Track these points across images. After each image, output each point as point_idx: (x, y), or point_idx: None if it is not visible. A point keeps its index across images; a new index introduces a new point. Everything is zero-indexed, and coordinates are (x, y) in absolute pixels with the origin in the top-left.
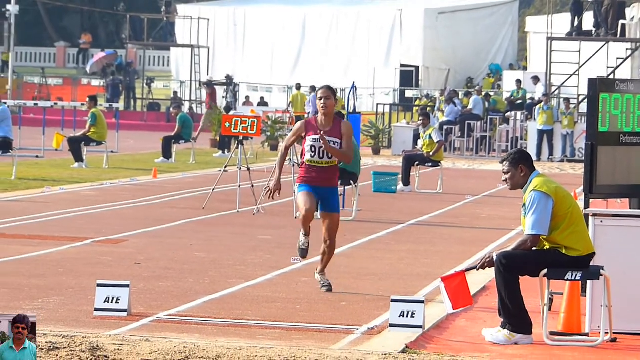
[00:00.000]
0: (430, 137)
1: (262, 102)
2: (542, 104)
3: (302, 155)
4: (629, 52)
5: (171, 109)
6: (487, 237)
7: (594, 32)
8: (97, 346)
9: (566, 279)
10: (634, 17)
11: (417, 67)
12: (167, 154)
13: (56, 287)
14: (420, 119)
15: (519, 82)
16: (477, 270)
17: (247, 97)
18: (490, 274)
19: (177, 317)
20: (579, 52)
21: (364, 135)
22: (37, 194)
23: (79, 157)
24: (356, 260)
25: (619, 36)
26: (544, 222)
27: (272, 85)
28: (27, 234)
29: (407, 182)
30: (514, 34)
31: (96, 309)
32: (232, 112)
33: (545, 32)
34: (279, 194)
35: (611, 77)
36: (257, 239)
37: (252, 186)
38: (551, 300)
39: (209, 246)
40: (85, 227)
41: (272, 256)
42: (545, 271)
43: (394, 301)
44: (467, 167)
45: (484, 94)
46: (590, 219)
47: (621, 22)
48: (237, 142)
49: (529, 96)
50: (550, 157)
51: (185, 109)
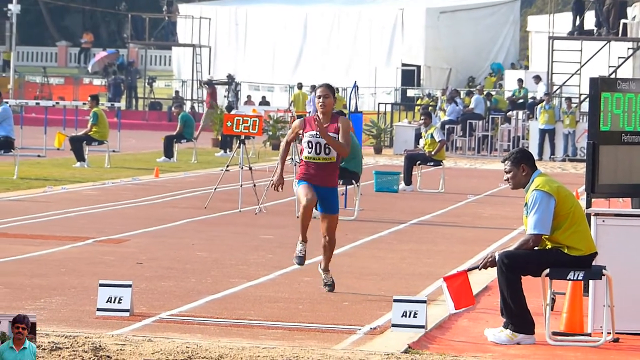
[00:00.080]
0: (432, 136)
1: (264, 102)
2: (544, 103)
3: (301, 152)
4: (631, 51)
5: (173, 109)
6: (489, 237)
7: (595, 31)
8: (100, 346)
9: (568, 278)
10: (635, 17)
11: (418, 67)
12: (168, 153)
13: (58, 287)
14: (421, 118)
15: (520, 81)
16: (479, 270)
17: (249, 97)
18: (492, 273)
19: (179, 317)
20: (581, 51)
21: (366, 134)
22: (38, 194)
23: (80, 157)
24: (358, 259)
25: (620, 35)
26: (546, 221)
27: (273, 84)
28: (29, 233)
29: (408, 181)
30: (516, 33)
31: (98, 309)
32: (233, 112)
33: (546, 32)
34: (282, 189)
35: (613, 76)
36: (259, 238)
37: (254, 185)
38: (553, 300)
39: (211, 246)
40: (87, 227)
41: (274, 256)
42: (547, 271)
43: (396, 301)
44: (468, 167)
45: (485, 93)
46: (592, 218)
47: (623, 21)
48: (238, 142)
49: (530, 95)
50: (551, 156)
51: (186, 108)
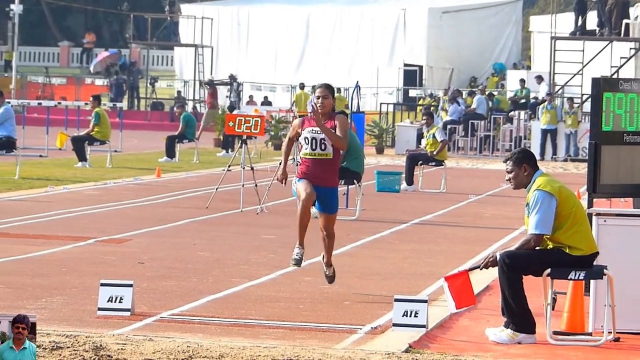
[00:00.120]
0: (433, 136)
1: (266, 102)
2: (546, 103)
3: (300, 150)
4: (633, 51)
5: (175, 109)
6: (491, 237)
7: (597, 31)
8: (101, 346)
9: (569, 278)
10: (637, 17)
11: (420, 67)
12: (170, 153)
13: (59, 287)
14: (423, 118)
15: (522, 81)
16: (481, 269)
17: (251, 97)
18: (493, 273)
19: (180, 316)
20: (583, 51)
21: (368, 134)
22: (40, 194)
23: (82, 157)
24: (360, 259)
25: (622, 35)
26: (547, 221)
27: (275, 84)
28: (31, 233)
29: (410, 181)
30: (518, 33)
31: (99, 309)
32: (235, 112)
33: (549, 32)
34: (286, 183)
35: (615, 76)
36: (261, 238)
37: (256, 185)
38: (554, 299)
39: (212, 245)
40: (88, 227)
41: (275, 255)
42: (548, 270)
43: (397, 300)
44: (470, 167)
45: (487, 93)
46: (593, 218)
47: (625, 21)
48: (240, 142)
49: (532, 95)
50: (553, 156)
51: (188, 108)
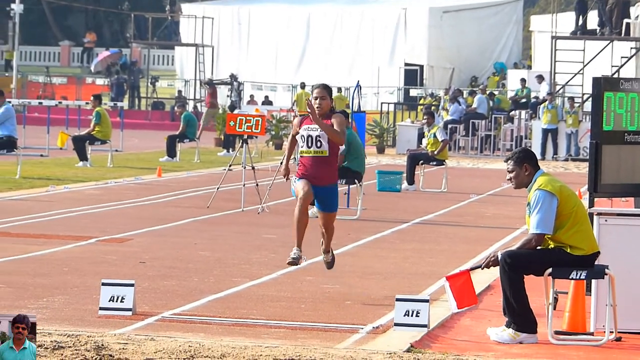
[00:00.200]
0: (434, 136)
1: (267, 101)
2: (547, 102)
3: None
4: (634, 50)
5: (175, 108)
6: (492, 236)
7: (598, 31)
8: (102, 345)
9: (571, 278)
10: (638, 16)
11: (421, 66)
12: (171, 152)
13: (61, 286)
14: (424, 117)
15: (523, 80)
16: (482, 269)
17: (252, 96)
18: (495, 273)
19: (181, 316)
20: (584, 50)
21: (369, 134)
22: (41, 193)
23: (83, 156)
24: (361, 259)
25: (623, 35)
26: (548, 221)
27: (276, 84)
28: (32, 232)
29: (411, 181)
30: (519, 32)
31: (101, 308)
32: (236, 111)
33: (549, 31)
34: (287, 178)
35: (615, 75)
36: (262, 237)
37: (257, 185)
38: (556, 299)
39: (213, 245)
40: (89, 226)
41: (276, 255)
42: (549, 270)
43: (398, 300)
44: (471, 166)
45: (488, 92)
46: (594, 217)
47: (625, 20)
48: (241, 141)
49: (533, 95)
50: (554, 156)
51: (189, 107)
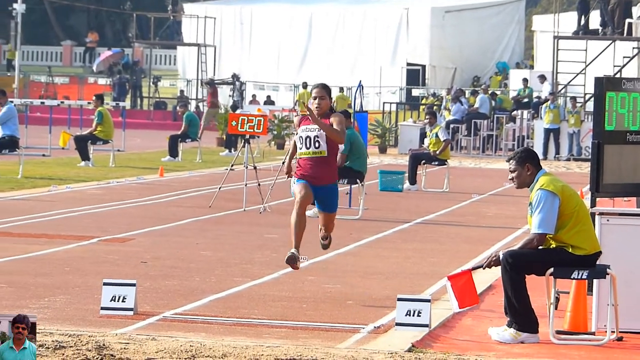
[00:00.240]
0: (436, 135)
1: (269, 101)
2: (549, 102)
3: None
4: (636, 50)
5: (178, 108)
6: (494, 236)
7: (600, 30)
8: (104, 345)
9: (572, 277)
10: None
11: (423, 66)
12: (173, 152)
13: (62, 286)
14: (426, 117)
15: (525, 80)
16: (484, 269)
17: (254, 96)
18: (496, 272)
19: (183, 315)
20: (586, 50)
21: (371, 134)
22: (43, 193)
23: (85, 156)
24: (362, 259)
25: (625, 35)
26: (550, 220)
27: (278, 83)
28: (34, 232)
29: (413, 180)
30: (521, 32)
31: (102, 308)
32: (238, 111)
33: (551, 31)
34: (290, 176)
35: (618, 75)
36: (264, 237)
37: (259, 185)
38: (557, 299)
39: (215, 245)
40: (91, 226)
41: (278, 255)
42: (551, 270)
43: (400, 300)
44: (473, 166)
45: (490, 92)
46: (596, 217)
47: (628, 20)
48: (243, 141)
49: (535, 95)
50: (556, 155)
51: (191, 107)
